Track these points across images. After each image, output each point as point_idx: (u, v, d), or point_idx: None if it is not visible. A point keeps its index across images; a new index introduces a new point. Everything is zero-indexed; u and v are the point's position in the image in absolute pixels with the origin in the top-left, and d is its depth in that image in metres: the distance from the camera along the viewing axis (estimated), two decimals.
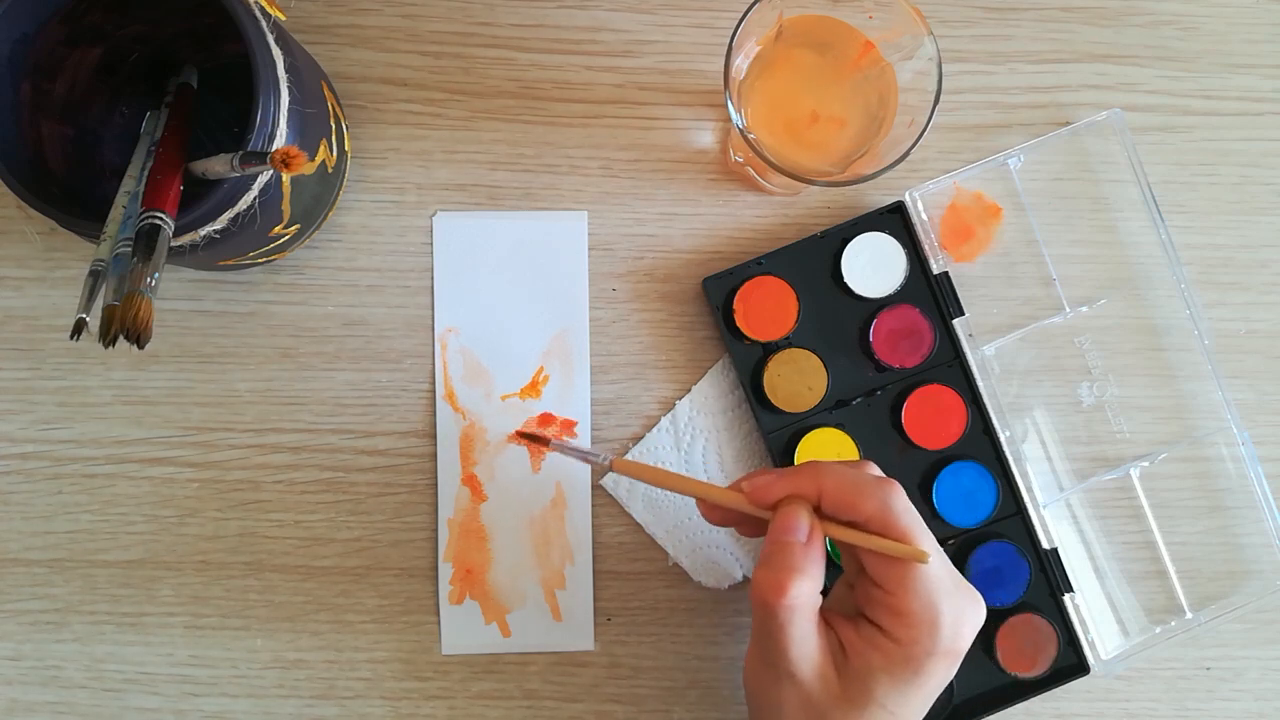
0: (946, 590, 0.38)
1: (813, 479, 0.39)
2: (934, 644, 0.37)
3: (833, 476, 0.39)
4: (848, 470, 0.40)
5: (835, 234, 0.51)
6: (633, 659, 0.51)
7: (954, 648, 0.38)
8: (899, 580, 0.38)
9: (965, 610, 0.38)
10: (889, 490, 0.39)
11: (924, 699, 0.39)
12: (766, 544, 0.39)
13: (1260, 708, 0.52)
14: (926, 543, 0.38)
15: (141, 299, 0.36)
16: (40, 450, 0.51)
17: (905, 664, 0.38)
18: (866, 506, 0.38)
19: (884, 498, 0.38)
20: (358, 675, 0.51)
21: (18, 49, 0.41)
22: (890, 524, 0.38)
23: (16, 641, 0.50)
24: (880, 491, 0.38)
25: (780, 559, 0.38)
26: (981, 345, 0.51)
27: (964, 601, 0.39)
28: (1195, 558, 0.52)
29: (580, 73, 0.52)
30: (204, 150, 0.41)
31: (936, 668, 0.38)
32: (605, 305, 0.52)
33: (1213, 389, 0.51)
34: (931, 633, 0.37)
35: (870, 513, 0.38)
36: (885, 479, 0.40)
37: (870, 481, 0.39)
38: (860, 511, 0.38)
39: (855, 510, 0.38)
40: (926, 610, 0.37)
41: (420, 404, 0.51)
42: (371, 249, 0.51)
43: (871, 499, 0.38)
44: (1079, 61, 0.53)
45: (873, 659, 0.38)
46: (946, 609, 0.38)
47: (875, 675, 0.38)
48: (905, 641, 0.38)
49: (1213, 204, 0.53)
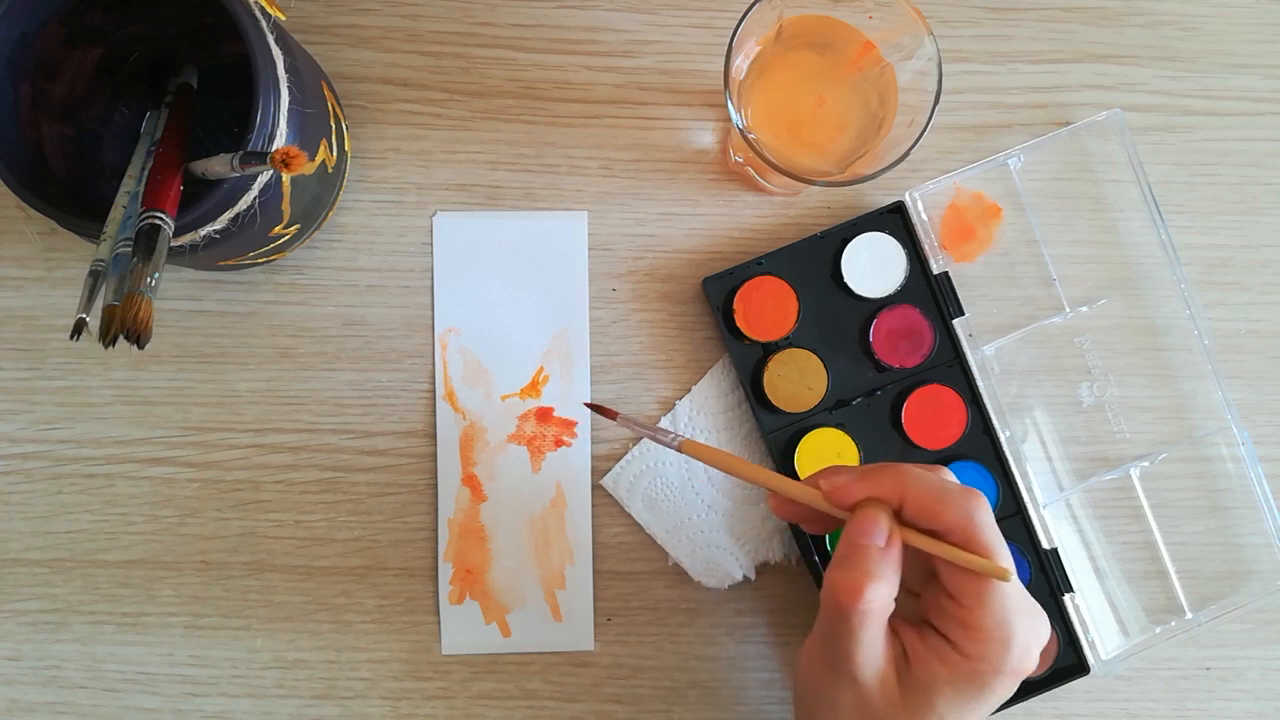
0: (1021, 609, 0.37)
1: (896, 483, 0.38)
2: (1003, 662, 0.37)
3: (917, 481, 0.38)
4: (932, 477, 0.39)
5: (835, 234, 0.51)
6: (633, 659, 0.51)
7: (1022, 667, 0.37)
8: (975, 595, 0.37)
9: (1037, 630, 0.38)
10: (974, 501, 0.37)
11: (982, 715, 0.38)
12: (842, 544, 0.38)
13: (1260, 708, 0.52)
14: (1007, 559, 0.37)
15: (141, 299, 0.36)
16: (40, 450, 0.51)
17: (971, 679, 0.37)
18: (949, 516, 0.37)
19: (968, 509, 0.37)
20: (358, 675, 0.51)
21: (18, 49, 0.41)
22: (972, 536, 0.37)
23: (16, 641, 0.50)
24: (965, 502, 0.37)
25: (857, 561, 0.37)
26: (981, 345, 0.51)
27: (1036, 621, 0.38)
28: (1195, 558, 0.52)
29: (580, 73, 0.52)
30: (204, 150, 0.41)
31: (1001, 685, 0.37)
32: (605, 305, 0.52)
33: (1213, 389, 0.51)
34: (1002, 651, 0.36)
35: (953, 523, 0.37)
36: (970, 489, 0.38)
37: (955, 491, 0.38)
38: (943, 521, 0.37)
39: (937, 519, 0.37)
40: (1000, 628, 0.36)
41: (420, 404, 0.51)
42: (371, 249, 0.51)
43: (955, 509, 0.37)
44: (1079, 61, 0.53)
45: (937, 670, 0.37)
46: (1020, 629, 0.37)
47: (939, 687, 0.37)
48: (974, 657, 0.37)
49: (1213, 204, 0.53)
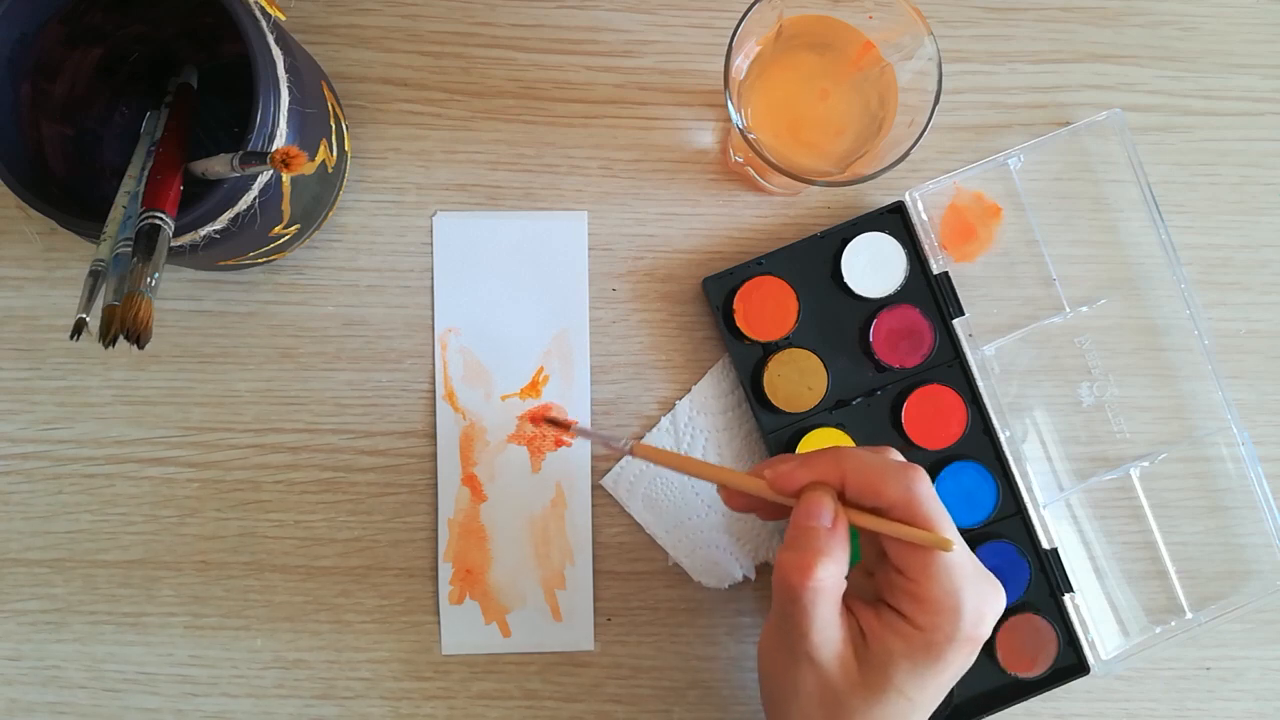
0: (969, 577, 0.38)
1: (835, 465, 0.39)
2: (955, 631, 0.37)
3: (855, 461, 0.39)
4: (871, 456, 0.39)
5: (835, 234, 0.51)
6: (633, 659, 0.51)
7: (975, 634, 0.38)
8: (921, 567, 0.37)
9: (987, 597, 0.38)
10: (913, 476, 0.38)
11: (942, 686, 0.39)
12: (791, 528, 0.39)
13: (1260, 708, 0.52)
14: (950, 530, 0.38)
15: (141, 299, 0.36)
16: (40, 450, 0.51)
17: (926, 650, 0.37)
18: (890, 492, 0.38)
19: (908, 484, 0.38)
20: (358, 675, 0.51)
21: (18, 49, 0.41)
22: (914, 510, 0.37)
23: (16, 641, 0.50)
24: (904, 477, 0.38)
25: (805, 542, 0.38)
26: (981, 345, 0.51)
27: (986, 588, 0.38)
28: (1195, 558, 0.52)
29: (580, 73, 0.52)
30: (204, 150, 0.41)
31: (957, 655, 0.38)
32: (605, 305, 0.52)
33: (1213, 389, 0.51)
34: (953, 619, 0.37)
35: (894, 499, 0.38)
36: (909, 464, 0.39)
37: (894, 467, 0.39)
38: (884, 497, 0.38)
39: (879, 496, 0.38)
40: (949, 597, 0.37)
41: (420, 404, 0.51)
42: (371, 249, 0.51)
43: (895, 485, 0.38)
44: (1079, 61, 0.53)
45: (893, 645, 0.38)
46: (969, 596, 0.37)
47: (895, 661, 0.38)
48: (927, 628, 0.37)
49: (1213, 204, 0.53)
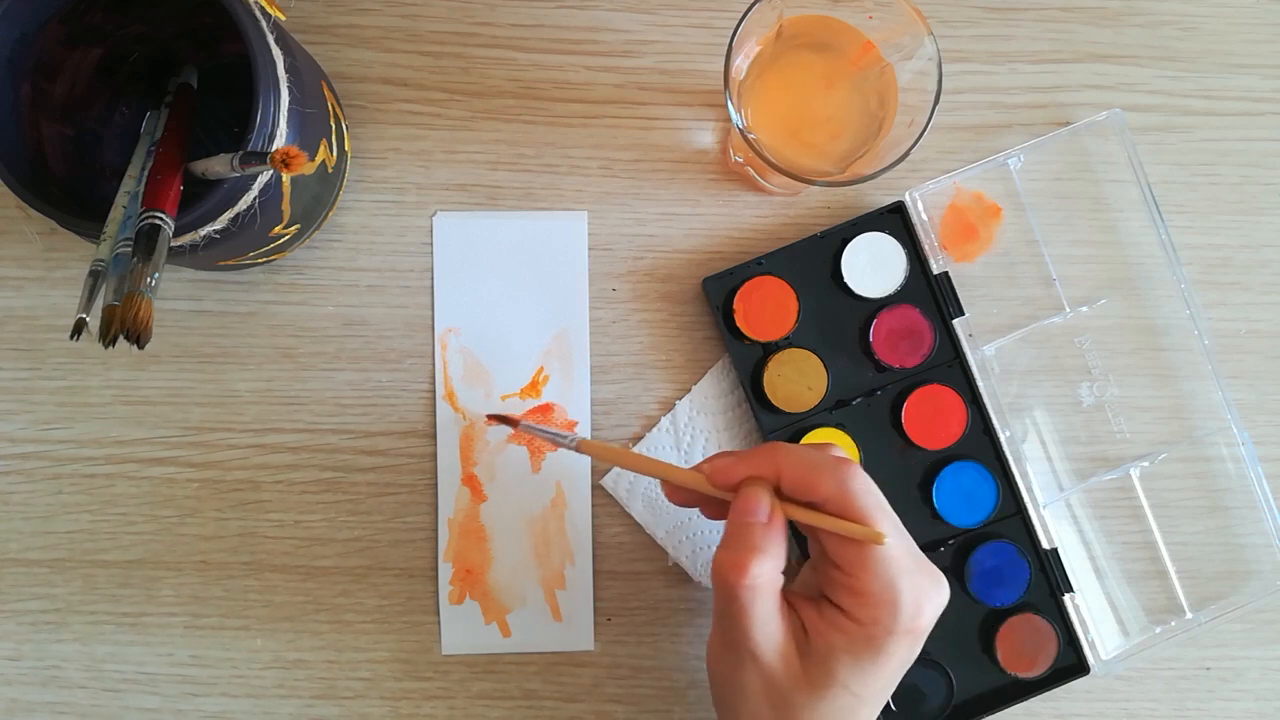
0: (906, 570, 0.38)
1: (771, 460, 0.39)
2: (894, 623, 0.37)
3: (791, 457, 0.39)
4: (806, 451, 0.40)
5: (835, 234, 0.51)
6: (633, 659, 0.51)
7: (915, 626, 0.38)
8: (857, 561, 0.38)
9: (925, 589, 0.38)
10: (846, 470, 0.38)
11: (886, 679, 0.39)
12: (728, 525, 0.39)
13: (1260, 708, 0.52)
14: (885, 523, 0.38)
15: (141, 299, 0.36)
16: (40, 450, 0.51)
17: (866, 644, 0.38)
18: (824, 487, 0.38)
19: (841, 478, 0.38)
20: (358, 675, 0.51)
21: (18, 49, 0.41)
22: (848, 505, 0.38)
23: (16, 641, 0.50)
24: (838, 472, 0.38)
25: (741, 539, 0.38)
26: (981, 345, 0.51)
27: (924, 580, 0.38)
28: (1195, 558, 0.52)
29: (580, 73, 0.52)
30: (204, 150, 0.41)
31: (897, 647, 0.38)
32: (605, 305, 0.52)
33: (1213, 389, 0.51)
34: (891, 612, 0.37)
35: (828, 493, 0.38)
36: (844, 459, 0.39)
37: (828, 462, 0.39)
38: (818, 492, 0.38)
39: (813, 491, 0.38)
40: (886, 590, 0.37)
41: (420, 404, 0.51)
42: (371, 249, 0.51)
43: (829, 480, 0.38)
44: (1079, 61, 0.53)
45: (834, 640, 0.38)
46: (906, 588, 0.37)
47: (837, 656, 0.38)
48: (866, 622, 0.37)
49: (1213, 204, 0.53)
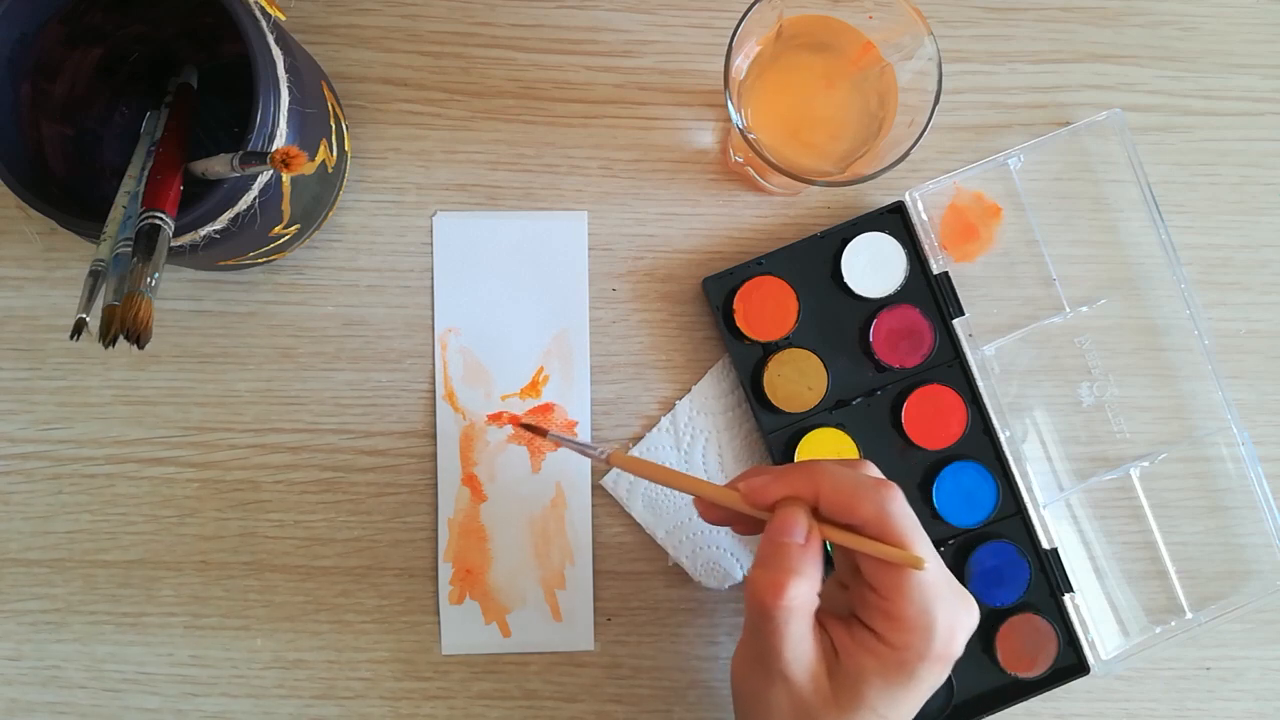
0: (941, 596, 0.38)
1: (810, 480, 0.39)
2: (928, 649, 0.37)
3: (830, 478, 0.39)
4: (846, 472, 0.39)
5: (835, 234, 0.51)
6: (633, 659, 0.51)
7: (947, 653, 0.38)
8: (894, 585, 0.37)
9: (959, 616, 0.38)
10: (887, 494, 0.38)
11: (914, 703, 0.39)
12: (763, 544, 0.39)
13: (1260, 708, 0.52)
14: (923, 548, 0.38)
15: (141, 299, 0.36)
16: (40, 450, 0.51)
17: (898, 669, 0.37)
18: (864, 510, 0.38)
19: (881, 501, 0.38)
20: (358, 675, 0.51)
21: (18, 49, 0.41)
22: (887, 528, 0.37)
23: (16, 641, 0.50)
24: (878, 495, 0.38)
25: (778, 560, 0.38)
26: (981, 345, 0.51)
27: (958, 607, 0.38)
28: (1195, 558, 0.52)
29: (580, 73, 0.52)
30: (204, 150, 0.41)
31: (929, 673, 0.38)
32: (605, 305, 0.52)
33: (1213, 389, 0.51)
34: (925, 638, 0.37)
35: (867, 516, 0.38)
36: (883, 481, 0.39)
37: (868, 484, 0.38)
38: (857, 515, 0.38)
39: (852, 513, 0.38)
40: (921, 616, 0.37)
41: (420, 404, 0.51)
42: (371, 249, 0.51)
43: (869, 502, 0.38)
44: (1079, 61, 0.53)
45: (865, 662, 0.38)
46: (941, 615, 0.37)
47: (867, 678, 0.38)
48: (899, 646, 0.37)
49: (1213, 204, 0.53)
